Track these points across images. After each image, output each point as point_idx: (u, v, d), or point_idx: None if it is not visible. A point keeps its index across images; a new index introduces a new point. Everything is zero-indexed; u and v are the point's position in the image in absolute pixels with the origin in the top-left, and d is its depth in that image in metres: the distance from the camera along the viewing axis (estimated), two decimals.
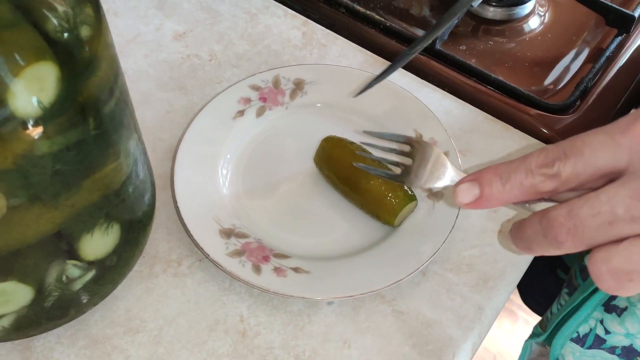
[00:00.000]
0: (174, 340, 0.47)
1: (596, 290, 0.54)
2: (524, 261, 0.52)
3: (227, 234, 0.50)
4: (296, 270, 0.49)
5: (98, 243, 0.40)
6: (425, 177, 0.36)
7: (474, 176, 0.30)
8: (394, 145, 0.40)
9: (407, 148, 0.38)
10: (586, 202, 0.27)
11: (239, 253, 0.49)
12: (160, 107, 0.61)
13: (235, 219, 0.52)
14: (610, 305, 0.54)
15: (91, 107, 0.34)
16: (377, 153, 0.45)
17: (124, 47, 0.65)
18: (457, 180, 0.32)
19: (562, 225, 0.27)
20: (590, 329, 0.55)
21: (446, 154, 0.54)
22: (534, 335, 0.64)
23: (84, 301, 0.44)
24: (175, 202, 0.51)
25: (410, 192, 0.51)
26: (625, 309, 0.53)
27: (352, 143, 0.54)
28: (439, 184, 0.35)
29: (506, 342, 1.43)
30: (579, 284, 0.58)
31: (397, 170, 0.38)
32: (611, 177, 0.28)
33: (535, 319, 0.91)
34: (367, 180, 0.51)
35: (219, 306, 0.49)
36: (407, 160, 0.38)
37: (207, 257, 0.49)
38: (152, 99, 0.61)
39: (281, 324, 0.48)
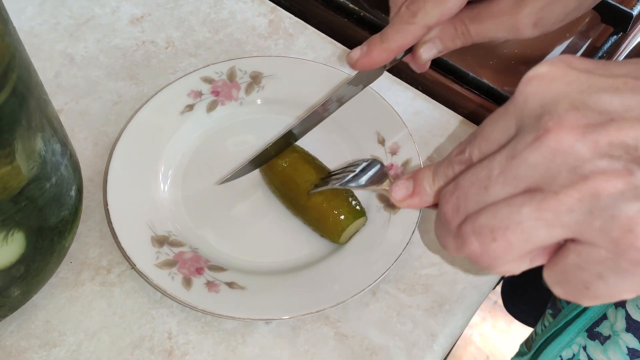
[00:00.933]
0: (93, 356, 0.43)
1: (580, 314, 0.50)
2: (486, 284, 0.47)
3: (160, 241, 0.46)
4: (230, 285, 0.44)
5: None
6: (363, 180, 0.38)
7: (410, 174, 0.30)
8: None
9: (355, 165, 0.40)
10: (468, 172, 0.25)
11: (170, 264, 0.45)
12: (108, 97, 0.56)
13: (171, 225, 0.47)
14: (594, 332, 0.50)
15: None
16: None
17: (75, 31, 0.60)
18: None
19: (447, 202, 0.26)
20: (574, 355, 0.52)
21: (408, 161, 0.50)
22: (519, 353, 0.61)
23: None
24: (105, 203, 0.47)
25: (357, 207, 0.46)
26: (608, 337, 0.49)
27: (298, 151, 0.49)
28: (376, 186, 0.37)
29: (500, 343, 1.39)
30: (563, 306, 0.53)
31: (341, 180, 0.40)
32: None
33: None
34: (307, 198, 0.46)
35: (146, 320, 0.45)
36: (350, 170, 0.40)
37: (133, 268, 0.44)
38: (99, 89, 0.57)
39: (212, 344, 0.44)
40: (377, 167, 0.37)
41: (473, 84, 0.57)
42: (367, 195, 0.49)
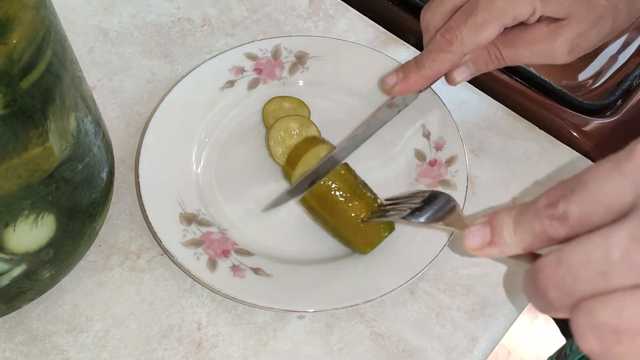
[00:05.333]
0: (120, 345, 0.42)
1: None
2: None
3: (189, 219, 0.44)
4: (256, 271, 0.42)
5: (25, 236, 0.35)
6: (433, 216, 0.35)
7: (486, 218, 0.27)
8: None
9: (422, 196, 0.38)
10: (576, 247, 0.22)
11: (196, 243, 0.43)
12: (141, 75, 0.54)
13: (201, 203, 0.46)
14: None
15: None
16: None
17: (110, 5, 0.58)
18: (466, 224, 0.31)
19: (548, 279, 0.22)
20: None
21: (453, 158, 0.47)
22: None
23: (16, 298, 0.38)
24: (137, 176, 0.45)
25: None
26: None
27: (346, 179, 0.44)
28: (444, 225, 0.34)
29: (523, 339, 1.36)
30: None
31: (404, 212, 0.38)
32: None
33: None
34: (342, 201, 0.43)
35: (175, 309, 0.43)
36: (416, 203, 0.38)
37: (159, 245, 0.43)
38: (133, 66, 0.55)
39: (242, 337, 0.42)
40: (445, 201, 0.34)
41: (523, 76, 0.54)
42: (406, 186, 0.47)
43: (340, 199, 0.42)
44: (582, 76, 0.56)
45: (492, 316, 0.43)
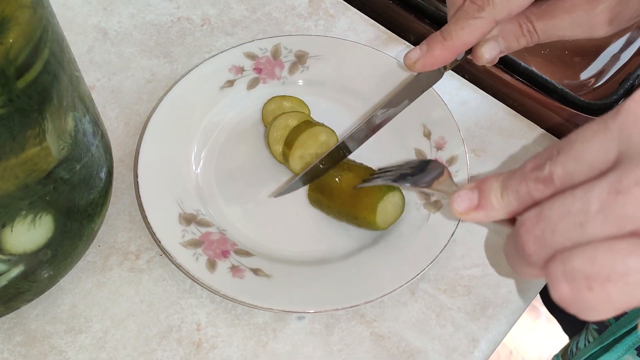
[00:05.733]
0: (119, 345, 0.42)
1: (630, 332, 0.47)
2: (533, 288, 0.44)
3: (188, 220, 0.44)
4: (256, 272, 0.42)
5: (23, 236, 0.35)
6: (420, 180, 0.35)
7: (475, 183, 0.27)
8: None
9: (413, 163, 0.38)
10: (557, 200, 0.22)
11: (195, 244, 0.43)
12: (141, 75, 0.54)
13: (200, 204, 0.46)
14: None
15: None
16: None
17: (110, 4, 0.58)
18: (455, 189, 0.31)
19: (528, 232, 0.22)
20: None
21: (454, 158, 0.47)
22: None
23: (14, 299, 0.38)
24: (136, 176, 0.45)
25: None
26: None
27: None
28: (433, 189, 0.34)
29: (525, 339, 1.36)
30: (611, 322, 0.50)
31: (393, 177, 0.38)
32: None
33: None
34: (333, 177, 0.44)
35: (175, 310, 0.43)
36: (405, 168, 0.38)
37: (158, 245, 0.43)
38: (132, 66, 0.55)
39: (242, 338, 0.42)
40: (435, 168, 0.34)
41: (524, 75, 0.53)
42: (405, 192, 0.47)
43: (333, 177, 0.44)
44: (584, 75, 0.56)
45: (493, 317, 0.43)
